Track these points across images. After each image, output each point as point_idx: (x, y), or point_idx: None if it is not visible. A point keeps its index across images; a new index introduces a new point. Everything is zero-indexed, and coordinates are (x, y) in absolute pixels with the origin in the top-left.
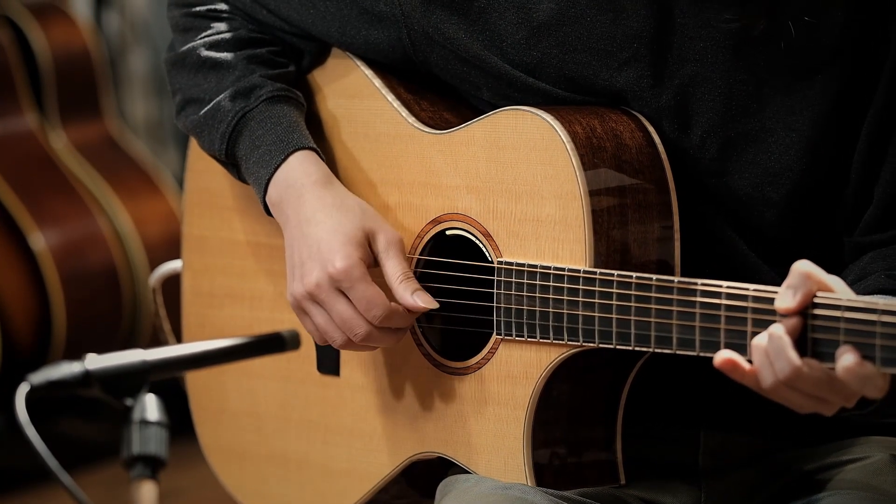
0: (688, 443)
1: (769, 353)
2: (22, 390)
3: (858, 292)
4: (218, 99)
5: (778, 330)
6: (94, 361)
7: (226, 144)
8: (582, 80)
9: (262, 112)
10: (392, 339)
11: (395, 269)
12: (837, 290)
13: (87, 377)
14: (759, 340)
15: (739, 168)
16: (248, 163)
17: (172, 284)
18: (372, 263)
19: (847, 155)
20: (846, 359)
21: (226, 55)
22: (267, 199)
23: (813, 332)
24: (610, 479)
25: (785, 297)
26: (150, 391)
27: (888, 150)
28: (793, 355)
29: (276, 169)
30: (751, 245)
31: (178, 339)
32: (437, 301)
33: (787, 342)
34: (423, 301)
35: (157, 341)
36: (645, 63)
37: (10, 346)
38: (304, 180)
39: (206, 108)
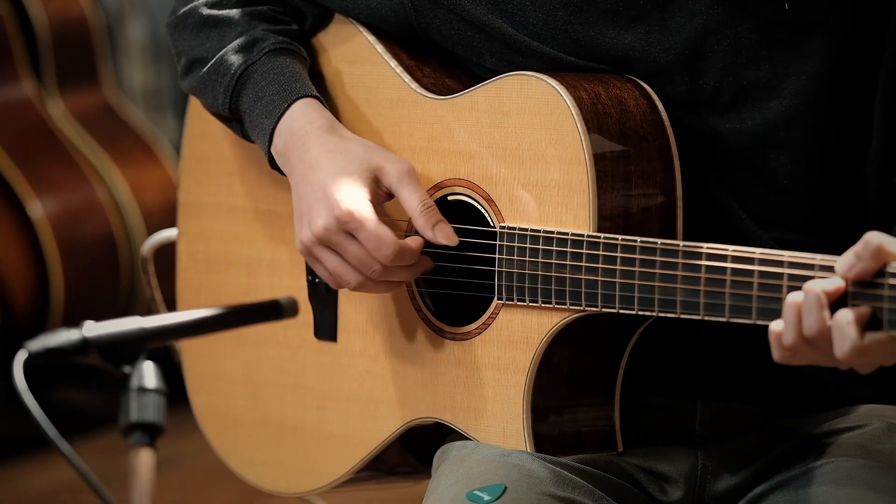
0: (685, 411)
1: (803, 308)
2: (20, 358)
3: None
4: (220, 54)
5: (815, 286)
6: (92, 329)
7: (229, 98)
8: (588, 42)
9: (264, 64)
10: (407, 275)
11: (413, 199)
12: None
13: (85, 344)
14: (794, 296)
15: (752, 115)
16: (252, 115)
17: (168, 253)
18: (383, 200)
19: (862, 97)
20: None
21: (228, 12)
22: (272, 150)
23: (853, 300)
24: (608, 446)
25: (846, 266)
26: (148, 359)
27: None
28: (826, 315)
29: (279, 118)
30: (751, 214)
31: (173, 306)
32: (438, 265)
33: (823, 301)
34: (444, 237)
35: (151, 311)
36: (652, 19)
37: (7, 314)
38: (307, 127)
39: (208, 65)
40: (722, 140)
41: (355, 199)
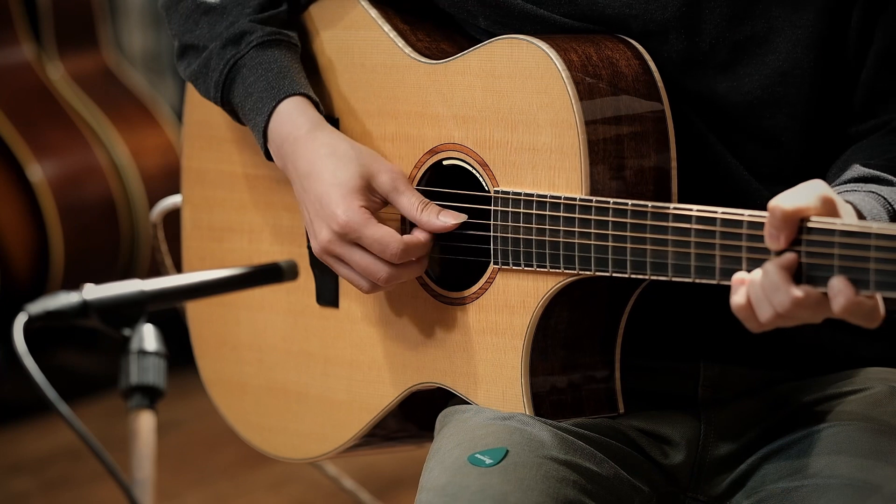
0: (687, 374)
1: (765, 288)
2: (20, 320)
3: (836, 184)
4: (210, 47)
5: (773, 265)
6: (92, 291)
7: (220, 93)
8: (583, 1)
9: (252, 58)
10: (417, 270)
11: (410, 202)
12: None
13: (85, 307)
14: (754, 276)
15: (749, 71)
16: (244, 110)
17: (172, 218)
18: (378, 207)
19: (857, 51)
20: (841, 298)
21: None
22: (269, 147)
23: (808, 258)
24: (608, 408)
25: (772, 240)
26: (148, 321)
27: (874, 34)
28: (792, 289)
29: (269, 117)
30: (751, 170)
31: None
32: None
33: (784, 277)
34: (451, 219)
35: (157, 274)
36: None
37: (7, 277)
38: (295, 133)
39: (199, 59)
40: (719, 100)
41: (350, 210)
